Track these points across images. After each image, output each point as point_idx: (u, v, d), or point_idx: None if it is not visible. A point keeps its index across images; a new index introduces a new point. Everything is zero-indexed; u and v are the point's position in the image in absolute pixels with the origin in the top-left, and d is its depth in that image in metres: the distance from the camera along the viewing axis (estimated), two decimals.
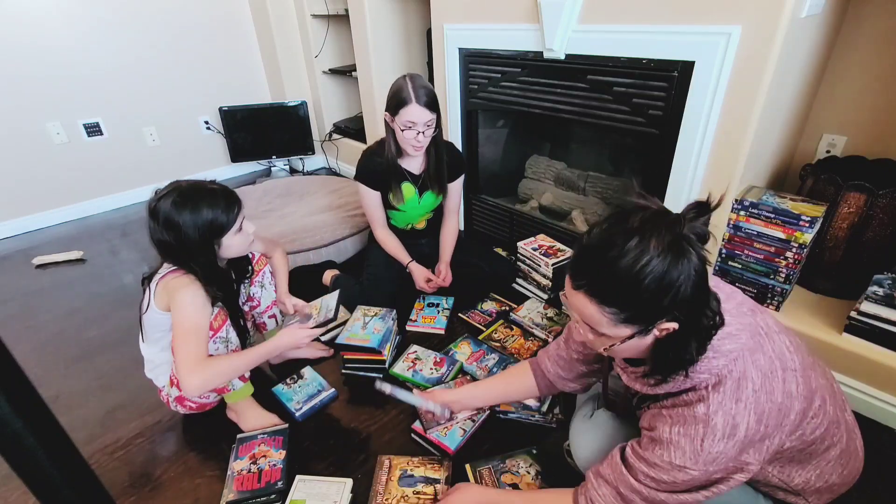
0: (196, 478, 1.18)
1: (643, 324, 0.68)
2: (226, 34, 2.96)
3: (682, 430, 0.71)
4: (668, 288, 0.63)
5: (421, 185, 1.71)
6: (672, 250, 0.62)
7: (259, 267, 1.36)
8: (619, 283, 0.65)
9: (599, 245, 0.67)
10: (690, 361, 0.71)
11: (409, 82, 1.47)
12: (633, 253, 0.63)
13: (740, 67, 1.21)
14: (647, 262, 0.62)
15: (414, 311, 1.74)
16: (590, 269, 0.68)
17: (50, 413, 0.32)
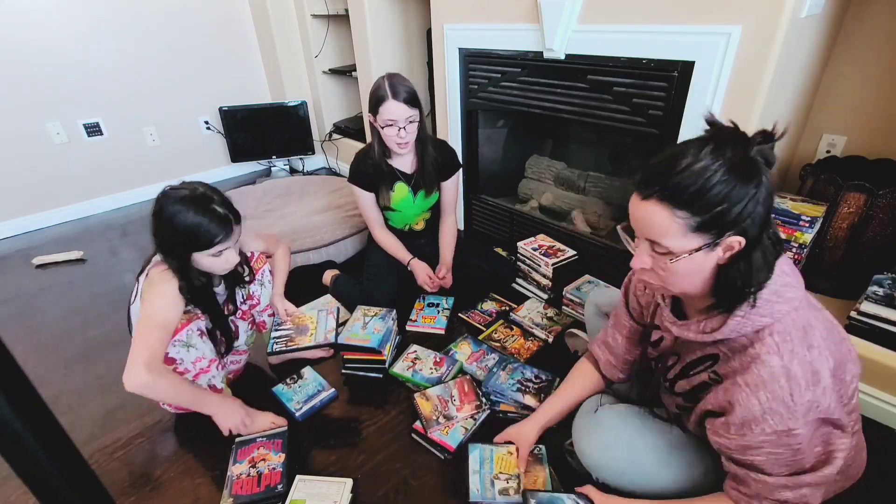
0: (196, 478, 1.18)
1: (713, 233, 0.66)
2: (226, 34, 2.96)
3: (767, 394, 0.67)
4: (738, 199, 0.63)
5: (414, 184, 1.70)
6: (743, 165, 0.63)
7: (258, 265, 1.36)
8: (692, 184, 0.64)
9: (673, 154, 0.67)
10: (758, 286, 0.68)
11: (386, 80, 1.47)
12: (707, 158, 0.64)
13: (740, 67, 1.21)
14: (718, 169, 0.63)
15: (414, 311, 1.74)
16: (663, 175, 0.67)
17: (50, 413, 0.32)
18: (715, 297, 0.73)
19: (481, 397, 1.32)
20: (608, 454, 0.93)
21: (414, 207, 1.75)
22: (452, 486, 1.13)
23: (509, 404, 1.30)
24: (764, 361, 0.68)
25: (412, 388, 1.41)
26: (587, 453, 0.95)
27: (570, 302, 1.67)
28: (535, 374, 1.38)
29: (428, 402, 1.30)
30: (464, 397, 1.32)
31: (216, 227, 1.07)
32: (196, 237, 1.07)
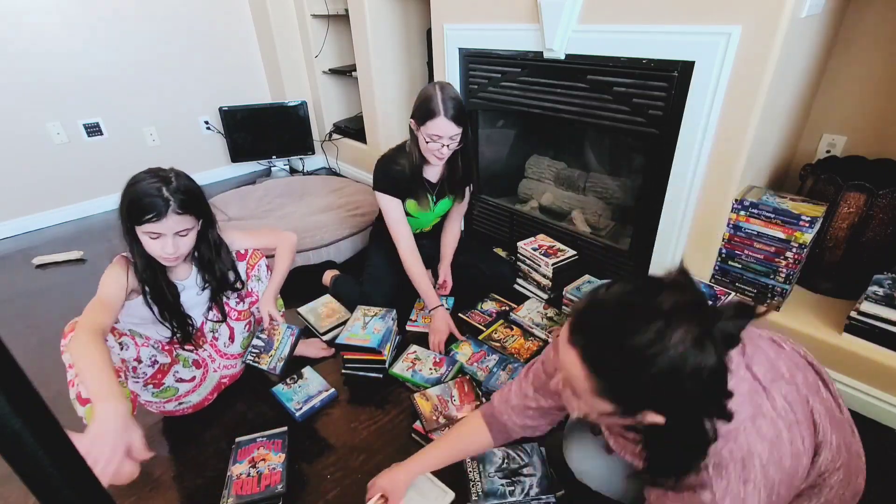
0: (196, 478, 1.18)
1: (627, 407, 0.62)
2: (226, 34, 2.96)
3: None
4: (671, 383, 0.56)
5: (437, 193, 1.68)
6: (694, 346, 0.55)
7: (253, 261, 1.36)
8: (621, 360, 0.57)
9: (618, 310, 0.59)
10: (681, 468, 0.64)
11: (440, 93, 1.40)
12: (651, 337, 0.55)
13: (740, 67, 1.21)
14: (661, 353, 0.55)
15: (414, 311, 1.74)
16: (595, 332, 0.60)
17: (50, 413, 0.32)
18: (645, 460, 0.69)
19: (481, 397, 1.32)
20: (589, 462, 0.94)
21: (431, 215, 1.74)
22: (452, 487, 1.13)
23: None
24: (695, 490, 0.65)
25: (412, 388, 1.41)
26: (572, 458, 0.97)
27: (570, 302, 1.67)
28: None
29: (428, 403, 1.30)
30: (464, 397, 1.32)
31: (151, 203, 1.04)
32: (130, 206, 1.06)
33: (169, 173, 1.11)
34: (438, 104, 1.39)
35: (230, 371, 1.41)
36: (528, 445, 1.17)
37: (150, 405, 1.27)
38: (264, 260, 1.39)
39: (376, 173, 1.60)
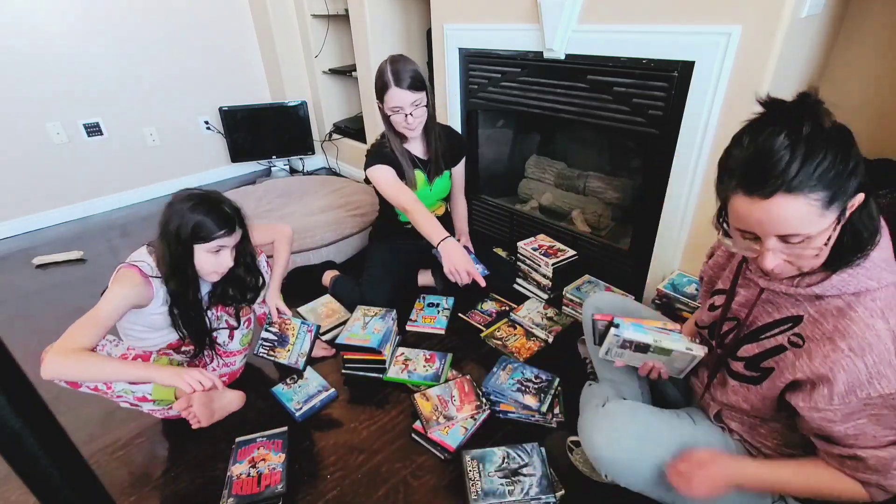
0: (196, 478, 1.18)
1: (843, 200, 0.64)
2: (226, 34, 2.96)
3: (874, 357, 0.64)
4: (849, 158, 0.63)
5: (429, 172, 1.69)
6: (833, 128, 0.64)
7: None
8: (814, 165, 0.62)
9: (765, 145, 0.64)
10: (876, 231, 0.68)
11: (389, 65, 1.44)
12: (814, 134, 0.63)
13: (740, 67, 1.21)
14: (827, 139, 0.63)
15: (414, 311, 1.74)
16: (775, 168, 0.63)
17: (50, 413, 0.32)
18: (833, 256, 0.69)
19: (481, 397, 1.32)
20: (616, 445, 0.90)
21: (430, 196, 1.74)
22: (452, 486, 1.13)
23: (509, 404, 1.30)
24: (868, 324, 0.66)
25: (412, 388, 1.41)
26: (596, 444, 0.91)
27: (570, 302, 1.67)
28: (535, 374, 1.38)
29: (428, 402, 1.30)
30: (464, 397, 1.32)
31: (220, 221, 1.13)
32: (199, 226, 1.11)
33: (212, 192, 1.17)
34: (389, 76, 1.44)
35: (229, 369, 1.41)
36: (528, 445, 1.17)
37: (155, 412, 1.28)
38: (263, 256, 1.40)
39: (368, 155, 1.63)
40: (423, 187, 1.69)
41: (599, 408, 0.98)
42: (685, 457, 0.84)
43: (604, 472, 0.94)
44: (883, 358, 0.65)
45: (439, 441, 1.21)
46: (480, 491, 1.07)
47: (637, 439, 0.90)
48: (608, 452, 0.90)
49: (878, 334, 0.65)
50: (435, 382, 1.40)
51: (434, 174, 1.69)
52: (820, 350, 0.69)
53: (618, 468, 0.91)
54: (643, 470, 0.90)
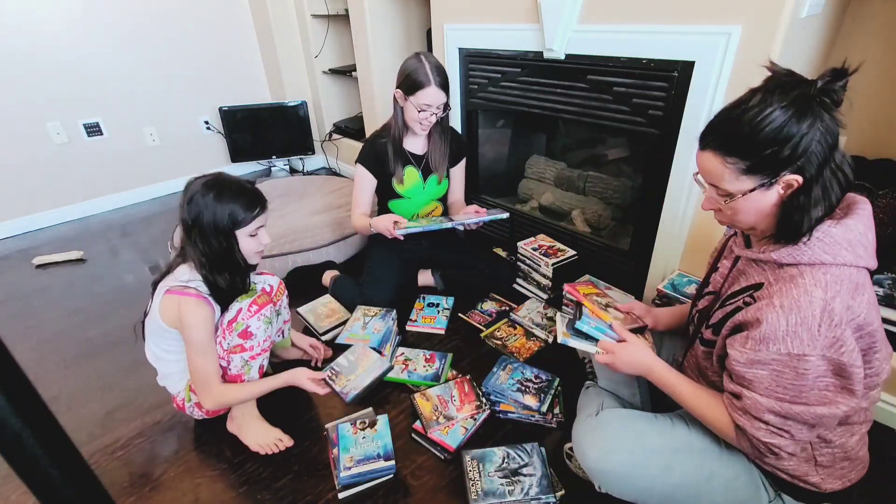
0: (196, 478, 1.18)
1: (765, 174, 0.71)
2: (226, 34, 2.96)
3: (797, 317, 0.68)
4: (789, 137, 0.67)
5: (424, 169, 1.70)
6: (797, 105, 0.66)
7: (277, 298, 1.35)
8: (739, 131, 0.70)
9: (729, 106, 0.74)
10: (815, 219, 0.71)
11: (426, 62, 1.48)
12: (757, 106, 0.68)
13: (740, 67, 1.21)
14: (768, 113, 0.67)
15: (414, 311, 1.74)
16: (715, 126, 0.74)
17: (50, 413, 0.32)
18: (778, 230, 0.76)
19: (481, 397, 1.32)
20: (609, 458, 0.89)
21: (424, 195, 1.74)
22: (452, 486, 1.13)
23: (509, 404, 1.30)
24: (806, 290, 0.69)
25: (412, 388, 1.41)
26: (588, 457, 0.91)
27: (570, 302, 1.67)
28: (535, 374, 1.38)
29: (428, 403, 1.30)
30: (464, 397, 1.32)
31: (250, 199, 1.13)
32: (234, 212, 1.10)
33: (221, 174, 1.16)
34: (427, 74, 1.47)
35: None
36: (529, 445, 1.17)
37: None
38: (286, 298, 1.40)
39: (362, 148, 1.67)
40: (415, 184, 1.70)
41: (592, 417, 0.97)
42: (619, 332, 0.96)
43: (597, 484, 0.94)
44: (805, 321, 0.68)
45: (439, 441, 1.21)
46: (480, 491, 1.07)
47: (630, 453, 0.89)
48: (601, 465, 0.90)
49: (811, 300, 0.68)
50: (435, 382, 1.40)
51: (430, 172, 1.70)
52: (760, 304, 0.74)
53: (611, 480, 0.91)
54: (637, 482, 0.89)
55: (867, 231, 0.74)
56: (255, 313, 1.15)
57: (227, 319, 1.15)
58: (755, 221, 0.78)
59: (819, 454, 0.83)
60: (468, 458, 1.14)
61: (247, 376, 1.19)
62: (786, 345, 0.69)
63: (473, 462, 1.13)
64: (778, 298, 0.71)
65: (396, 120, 1.60)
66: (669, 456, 0.88)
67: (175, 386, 1.25)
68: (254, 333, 1.15)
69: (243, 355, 1.16)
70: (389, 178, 1.68)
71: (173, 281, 1.12)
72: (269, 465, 1.20)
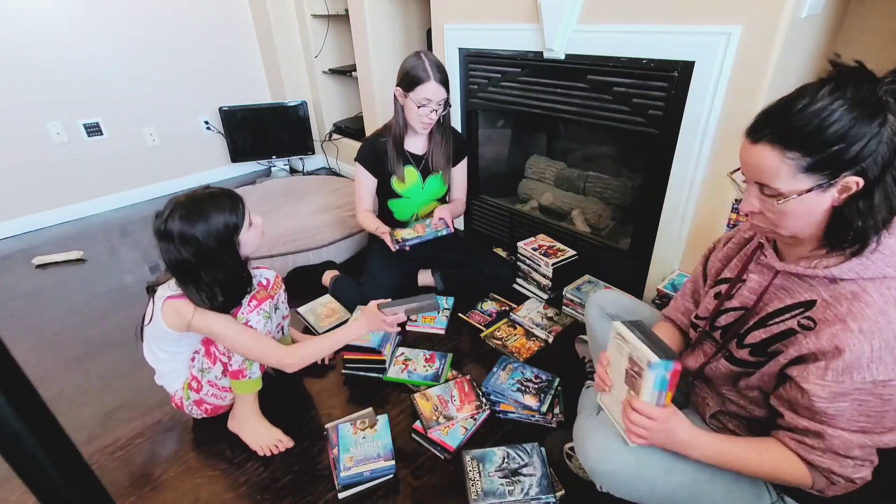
0: (196, 478, 1.18)
1: (827, 173, 0.64)
2: (226, 34, 2.96)
3: (881, 342, 0.64)
4: (855, 138, 0.62)
5: (423, 169, 1.70)
6: (865, 105, 0.62)
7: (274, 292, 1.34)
8: (804, 125, 0.64)
9: (789, 97, 0.67)
10: (874, 228, 0.66)
11: (425, 59, 1.49)
12: (825, 99, 0.63)
13: (740, 67, 1.21)
14: (836, 108, 0.62)
15: None
16: (774, 118, 0.67)
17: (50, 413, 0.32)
18: (826, 239, 0.71)
19: (481, 397, 1.32)
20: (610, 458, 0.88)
21: (423, 195, 1.74)
22: (452, 486, 1.13)
23: (509, 404, 1.30)
24: (882, 310, 0.65)
25: (412, 388, 1.41)
26: (590, 457, 0.90)
27: (570, 302, 1.67)
28: (535, 374, 1.38)
29: (428, 403, 1.30)
30: (464, 397, 1.32)
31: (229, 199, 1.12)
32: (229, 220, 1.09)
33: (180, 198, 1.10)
34: (427, 69, 1.48)
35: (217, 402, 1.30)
36: (528, 445, 1.17)
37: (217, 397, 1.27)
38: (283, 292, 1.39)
39: (361, 146, 1.68)
40: (414, 184, 1.70)
41: (594, 417, 0.97)
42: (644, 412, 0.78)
43: (598, 484, 0.93)
44: (888, 344, 0.64)
45: (439, 441, 1.21)
46: (480, 491, 1.07)
47: (632, 452, 0.88)
48: (602, 465, 0.89)
49: (890, 321, 0.64)
50: (435, 382, 1.40)
51: (429, 172, 1.70)
52: (830, 329, 0.68)
53: (612, 481, 0.90)
54: (638, 482, 0.88)
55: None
56: (255, 308, 1.16)
57: None
58: (801, 228, 0.71)
59: None
60: (468, 458, 1.14)
61: (248, 371, 1.18)
62: (871, 372, 0.65)
63: (473, 462, 1.13)
64: (854, 322, 0.66)
65: (397, 119, 1.60)
66: (670, 456, 0.88)
67: (172, 385, 1.25)
68: (253, 328, 1.15)
69: None
70: (388, 177, 1.68)
71: (170, 289, 1.11)
72: (269, 465, 1.20)
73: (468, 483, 1.09)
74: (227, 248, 1.10)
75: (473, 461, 1.14)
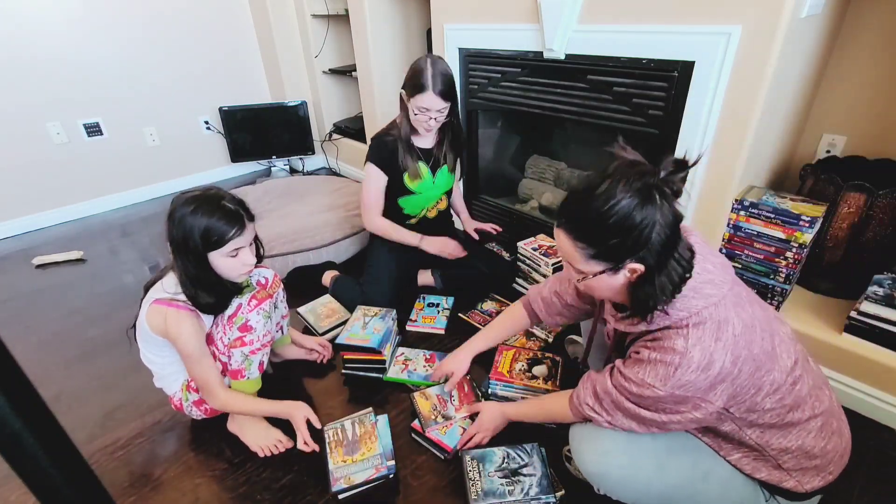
0: (196, 478, 1.18)
1: (611, 261, 0.76)
2: (226, 34, 2.96)
3: (659, 356, 0.78)
4: (631, 229, 0.71)
5: (433, 163, 1.70)
6: (641, 195, 0.70)
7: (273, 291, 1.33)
8: (588, 220, 0.74)
9: (578, 187, 0.77)
10: (662, 302, 0.77)
11: (430, 67, 1.47)
12: (603, 195, 0.71)
13: (740, 67, 1.21)
14: (613, 204, 0.70)
15: (414, 311, 1.74)
16: (568, 208, 0.78)
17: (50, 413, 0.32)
18: (630, 307, 0.83)
19: (480, 398, 1.32)
20: (606, 461, 0.91)
21: (434, 189, 1.74)
22: (452, 486, 1.13)
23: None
24: (673, 342, 0.78)
25: (412, 388, 1.41)
26: (585, 461, 0.93)
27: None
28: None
29: (427, 402, 1.30)
30: (463, 397, 1.32)
31: (228, 222, 1.05)
32: (206, 233, 1.04)
33: (209, 189, 1.09)
34: (428, 79, 1.46)
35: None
36: (529, 445, 1.17)
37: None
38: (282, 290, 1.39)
39: (371, 145, 1.66)
40: (426, 180, 1.70)
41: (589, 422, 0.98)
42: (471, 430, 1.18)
43: (596, 486, 0.95)
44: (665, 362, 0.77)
45: (437, 440, 1.21)
46: (480, 491, 1.07)
47: (625, 454, 0.89)
48: (598, 468, 0.91)
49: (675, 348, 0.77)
50: (435, 382, 1.40)
51: (438, 166, 1.70)
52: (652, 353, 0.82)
53: (608, 483, 0.92)
54: (633, 483, 0.90)
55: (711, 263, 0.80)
56: (255, 307, 1.16)
57: (228, 315, 1.16)
58: (610, 297, 0.85)
59: (782, 461, 0.85)
60: (468, 458, 1.14)
61: (247, 371, 1.19)
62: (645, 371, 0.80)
63: (473, 462, 1.13)
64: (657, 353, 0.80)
65: (403, 118, 1.60)
66: (664, 456, 0.89)
67: (171, 387, 1.25)
68: (253, 327, 1.15)
69: (243, 349, 1.16)
70: (400, 174, 1.66)
71: (161, 291, 1.11)
72: (269, 466, 1.20)
73: (468, 483, 1.09)
74: (193, 252, 1.06)
75: (473, 461, 1.14)
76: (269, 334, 1.21)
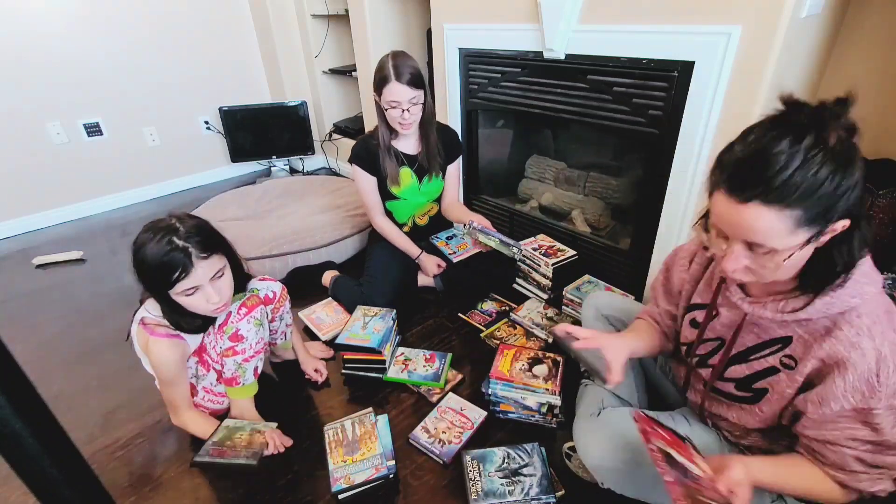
0: (196, 478, 1.18)
1: (820, 223, 0.62)
2: (226, 34, 2.96)
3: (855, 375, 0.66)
4: (847, 186, 0.60)
5: (418, 169, 1.69)
6: (844, 151, 0.60)
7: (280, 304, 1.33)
8: (800, 182, 0.59)
9: (762, 148, 0.62)
10: (851, 265, 0.67)
11: (391, 59, 1.46)
12: (813, 148, 0.59)
13: (740, 67, 1.21)
14: (823, 161, 0.59)
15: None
16: (761, 175, 0.61)
17: (50, 413, 0.32)
18: (802, 280, 0.71)
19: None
20: (612, 456, 0.90)
21: (420, 196, 1.74)
22: (452, 486, 1.13)
23: (509, 404, 1.30)
24: (853, 343, 0.67)
25: (412, 388, 1.41)
26: (590, 455, 0.92)
27: (570, 302, 1.67)
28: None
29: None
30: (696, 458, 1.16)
31: (171, 260, 0.97)
32: (153, 274, 0.98)
33: (170, 220, 1.02)
34: (390, 70, 1.45)
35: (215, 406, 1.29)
36: (529, 445, 1.17)
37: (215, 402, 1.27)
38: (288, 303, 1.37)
39: (354, 147, 1.66)
40: (411, 185, 1.70)
41: (595, 417, 0.98)
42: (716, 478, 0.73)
43: (600, 481, 0.94)
44: (862, 376, 0.66)
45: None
46: (481, 491, 1.07)
47: (633, 450, 0.89)
48: (604, 462, 0.90)
49: (864, 353, 0.66)
50: (435, 382, 1.40)
51: (424, 172, 1.70)
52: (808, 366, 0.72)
53: (615, 478, 0.91)
54: (639, 478, 0.89)
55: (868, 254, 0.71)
56: (245, 316, 1.15)
57: (218, 324, 1.15)
58: (786, 276, 0.70)
59: None
60: (468, 459, 1.14)
61: (242, 378, 1.19)
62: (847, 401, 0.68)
63: (473, 462, 1.13)
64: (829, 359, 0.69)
65: (381, 123, 1.60)
66: None
67: None
68: (244, 336, 1.15)
69: (236, 358, 1.16)
70: (384, 177, 1.67)
71: (146, 311, 1.11)
72: (269, 465, 1.20)
73: (468, 483, 1.09)
74: (152, 290, 1.04)
75: (473, 461, 1.14)
76: (262, 341, 1.20)
